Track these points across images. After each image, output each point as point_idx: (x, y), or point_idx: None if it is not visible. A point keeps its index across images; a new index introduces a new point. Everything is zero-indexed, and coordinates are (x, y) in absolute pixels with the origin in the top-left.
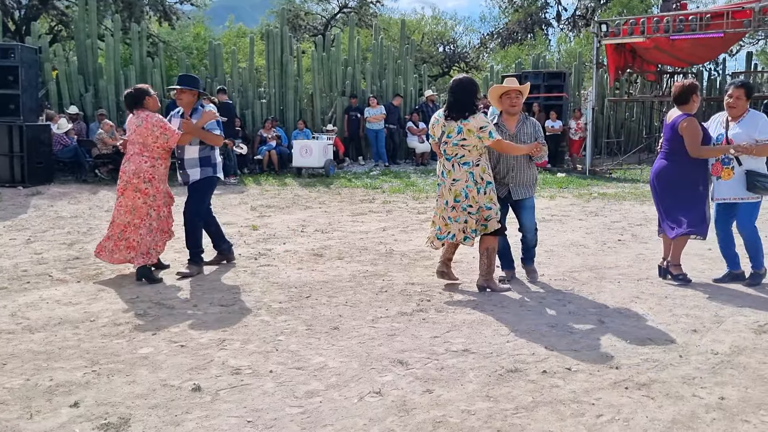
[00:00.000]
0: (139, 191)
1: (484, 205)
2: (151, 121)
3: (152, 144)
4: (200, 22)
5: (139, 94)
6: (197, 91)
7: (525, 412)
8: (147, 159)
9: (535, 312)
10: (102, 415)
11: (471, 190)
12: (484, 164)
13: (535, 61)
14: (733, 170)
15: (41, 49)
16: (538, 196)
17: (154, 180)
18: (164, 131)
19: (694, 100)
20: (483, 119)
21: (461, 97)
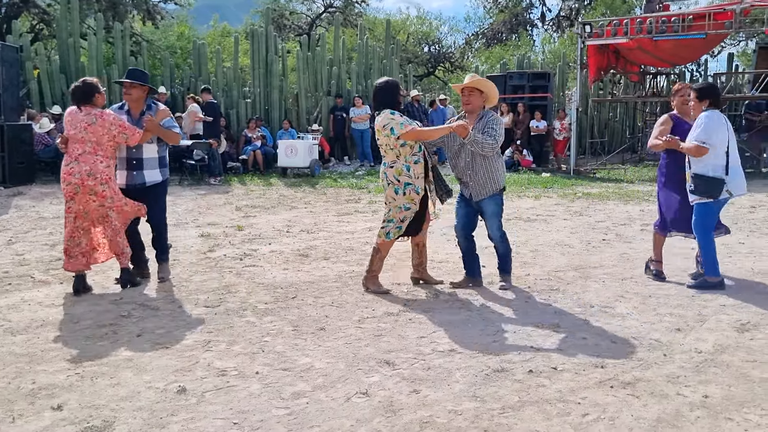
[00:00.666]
0: (95, 194)
1: (402, 205)
2: (107, 119)
3: (107, 143)
4: (184, 22)
5: (89, 89)
6: (148, 86)
7: (511, 412)
8: (102, 158)
9: (521, 312)
10: (86, 419)
11: (385, 189)
12: (400, 166)
13: (519, 62)
14: (688, 172)
15: (22, 47)
16: (523, 196)
17: (110, 181)
18: (123, 130)
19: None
20: (387, 117)
21: (376, 98)
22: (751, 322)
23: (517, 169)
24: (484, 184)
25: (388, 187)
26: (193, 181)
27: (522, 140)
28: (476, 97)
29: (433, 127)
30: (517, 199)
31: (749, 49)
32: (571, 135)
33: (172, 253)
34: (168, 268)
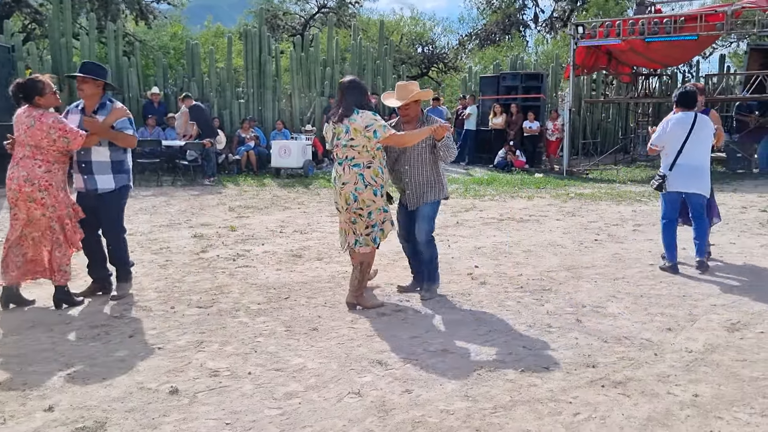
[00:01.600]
0: (34, 201)
1: (382, 207)
2: (46, 122)
3: (48, 147)
4: (177, 22)
5: (28, 90)
6: (103, 81)
7: (503, 411)
8: (41, 163)
9: (513, 312)
10: (77, 419)
11: (361, 193)
12: (376, 167)
13: (512, 62)
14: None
15: (14, 47)
16: (516, 197)
17: (51, 188)
18: (64, 133)
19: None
20: (370, 117)
21: (347, 96)
22: (741, 322)
23: (510, 169)
24: (423, 192)
25: (365, 189)
26: (187, 182)
27: (515, 141)
28: (414, 107)
29: (415, 130)
30: (510, 199)
31: (741, 51)
32: (564, 136)
33: (165, 253)
34: (126, 286)
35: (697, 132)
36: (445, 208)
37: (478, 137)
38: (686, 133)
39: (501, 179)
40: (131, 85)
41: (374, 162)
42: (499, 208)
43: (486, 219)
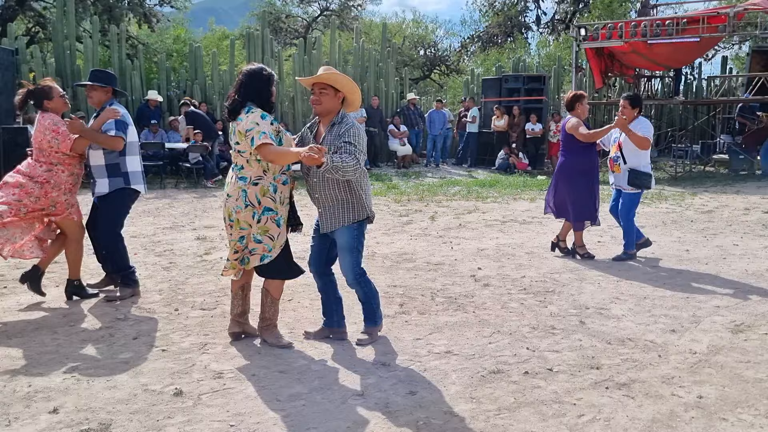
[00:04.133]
0: (21, 187)
1: (255, 235)
2: (43, 123)
3: (48, 149)
4: (181, 25)
5: (36, 96)
6: (110, 88)
7: (507, 413)
8: (42, 164)
9: (516, 313)
10: (82, 421)
11: (240, 212)
12: (266, 185)
13: (515, 65)
14: (620, 166)
15: (18, 50)
16: (518, 199)
17: (47, 184)
18: (56, 135)
19: (578, 107)
20: (252, 120)
21: (239, 91)
22: (745, 323)
23: (513, 171)
24: (335, 212)
25: (244, 210)
26: (190, 184)
27: (517, 143)
28: (329, 97)
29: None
30: (513, 201)
31: (743, 53)
32: None
33: (168, 256)
34: (127, 291)
35: None
36: (448, 210)
37: (480, 139)
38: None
39: (503, 181)
40: (134, 88)
41: (265, 178)
42: (501, 210)
43: (489, 221)
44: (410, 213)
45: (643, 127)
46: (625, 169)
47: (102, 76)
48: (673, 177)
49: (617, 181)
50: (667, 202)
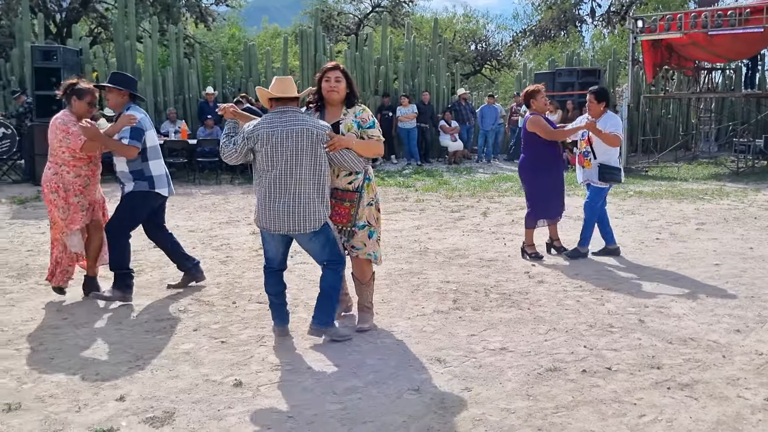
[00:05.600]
0: (51, 203)
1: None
2: (55, 123)
3: (57, 148)
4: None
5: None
6: (127, 91)
7: (565, 411)
8: (50, 165)
9: (572, 311)
10: (147, 409)
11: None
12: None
13: (568, 59)
14: (591, 161)
15: (82, 50)
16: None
17: (59, 189)
18: (66, 135)
19: (533, 103)
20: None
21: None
22: None
23: (566, 167)
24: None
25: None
26: (244, 180)
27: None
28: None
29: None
30: (566, 197)
31: None
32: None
33: (225, 250)
34: (116, 294)
35: None
36: (500, 206)
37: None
38: None
39: None
40: (191, 86)
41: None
42: None
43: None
44: (462, 209)
45: (612, 124)
46: (596, 164)
47: (120, 79)
48: (735, 173)
49: (586, 176)
50: (729, 198)
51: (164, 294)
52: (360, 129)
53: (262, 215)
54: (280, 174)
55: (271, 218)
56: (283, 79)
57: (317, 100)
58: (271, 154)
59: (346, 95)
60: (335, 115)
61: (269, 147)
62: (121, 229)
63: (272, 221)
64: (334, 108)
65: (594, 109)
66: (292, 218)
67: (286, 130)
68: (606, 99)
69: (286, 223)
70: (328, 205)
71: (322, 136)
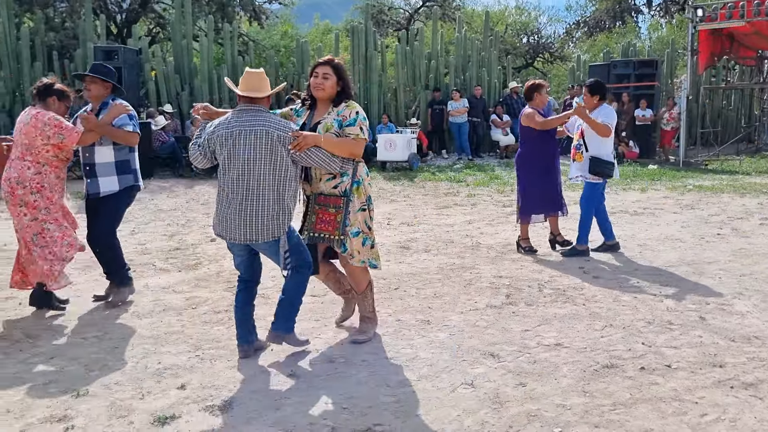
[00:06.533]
0: (25, 205)
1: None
2: (42, 119)
3: (40, 146)
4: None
5: (45, 88)
6: (111, 83)
7: (623, 409)
8: (30, 164)
9: (629, 307)
10: (207, 398)
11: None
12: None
13: (624, 50)
14: (582, 155)
15: (141, 50)
16: (628, 189)
17: (44, 189)
18: (59, 130)
19: (536, 97)
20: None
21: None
22: None
23: (621, 161)
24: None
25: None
26: None
27: (627, 131)
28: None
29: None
30: (622, 192)
31: None
32: (681, 125)
33: None
34: (125, 291)
35: None
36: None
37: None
38: None
39: None
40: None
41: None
42: (610, 200)
43: None
44: (514, 203)
45: (605, 115)
46: (587, 157)
47: (104, 70)
48: None
49: (578, 171)
50: None
51: (221, 286)
52: (341, 127)
53: (217, 222)
54: (235, 178)
55: (225, 226)
56: (253, 74)
57: (309, 97)
58: (226, 156)
59: (338, 93)
60: (322, 113)
61: (225, 149)
62: (111, 232)
63: (226, 229)
64: (323, 106)
65: (588, 103)
66: (246, 226)
67: (243, 131)
68: (600, 92)
69: (240, 232)
70: (290, 213)
71: (284, 138)
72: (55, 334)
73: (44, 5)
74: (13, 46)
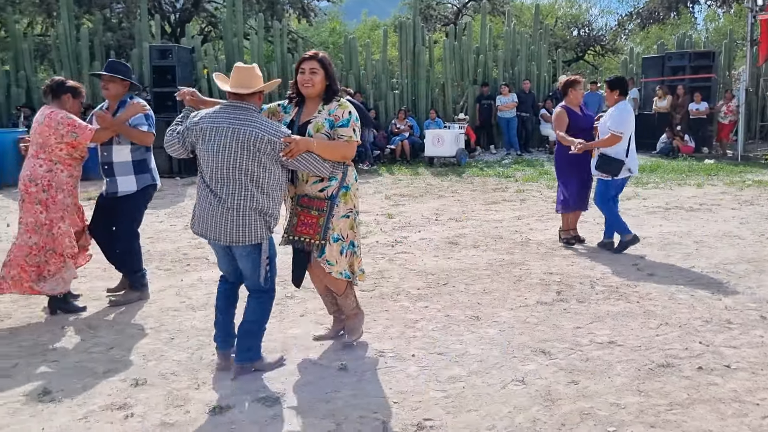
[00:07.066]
0: (39, 203)
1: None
2: (55, 118)
3: (54, 144)
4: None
5: (57, 86)
6: (128, 81)
7: (680, 409)
8: (42, 162)
9: (686, 305)
10: (259, 389)
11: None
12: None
13: (679, 41)
14: (595, 151)
15: (194, 48)
16: (684, 185)
17: (50, 188)
18: (72, 128)
19: (571, 93)
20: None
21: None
22: None
23: (676, 155)
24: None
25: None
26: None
27: (682, 125)
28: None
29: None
30: (677, 187)
31: None
32: (739, 118)
33: None
34: (135, 294)
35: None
36: None
37: (639, 122)
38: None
39: (666, 166)
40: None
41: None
42: (664, 196)
43: (650, 208)
44: None
45: (615, 118)
46: (598, 154)
47: (122, 68)
48: None
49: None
50: None
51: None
52: (332, 128)
53: (197, 221)
54: (218, 176)
55: (202, 224)
56: (243, 69)
57: (297, 94)
58: (209, 150)
59: (325, 89)
60: (312, 111)
61: (209, 144)
62: (131, 232)
63: (204, 228)
64: (312, 103)
65: (609, 98)
66: (227, 227)
67: (231, 128)
68: (620, 87)
69: (221, 232)
70: (275, 217)
71: (275, 143)
72: (114, 326)
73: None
74: (73, 47)
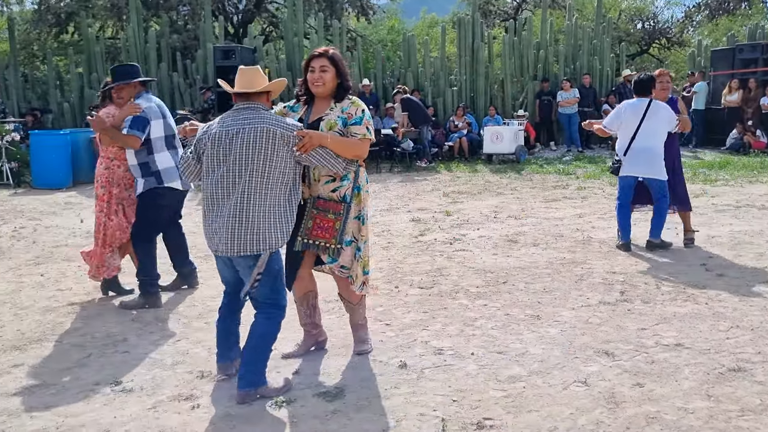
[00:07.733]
0: (97, 197)
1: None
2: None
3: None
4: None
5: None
6: (135, 82)
7: (753, 416)
8: (103, 160)
9: (758, 307)
10: (319, 384)
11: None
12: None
13: (751, 33)
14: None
15: (256, 48)
16: (755, 182)
17: (108, 184)
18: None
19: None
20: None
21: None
22: None
23: (747, 152)
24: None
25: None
26: (403, 168)
27: (754, 119)
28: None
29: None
30: (748, 184)
31: None
32: None
33: (386, 236)
34: (140, 301)
35: (650, 118)
36: None
37: (707, 117)
38: (639, 119)
39: (736, 163)
40: (353, 77)
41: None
42: (735, 194)
43: (719, 206)
44: None
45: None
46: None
47: (123, 72)
48: None
49: None
50: None
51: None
52: (345, 126)
53: (209, 236)
54: (223, 180)
55: (208, 233)
56: (246, 71)
57: (305, 93)
58: (216, 155)
59: (336, 87)
60: (322, 110)
61: (219, 148)
62: (140, 235)
63: (209, 237)
64: (322, 102)
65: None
66: (229, 235)
67: (243, 129)
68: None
69: (222, 241)
70: (287, 229)
71: (288, 137)
72: (181, 318)
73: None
74: (142, 48)
